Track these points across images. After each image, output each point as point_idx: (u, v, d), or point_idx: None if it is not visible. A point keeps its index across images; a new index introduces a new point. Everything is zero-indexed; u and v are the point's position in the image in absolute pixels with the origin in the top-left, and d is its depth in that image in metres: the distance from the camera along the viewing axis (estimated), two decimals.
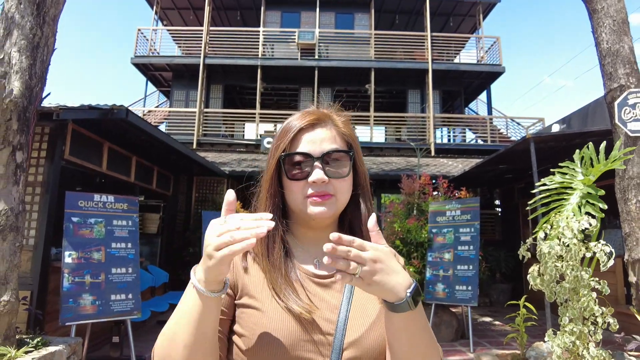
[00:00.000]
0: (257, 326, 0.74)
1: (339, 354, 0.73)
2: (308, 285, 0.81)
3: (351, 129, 0.89)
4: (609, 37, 3.34)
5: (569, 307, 2.25)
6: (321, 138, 0.82)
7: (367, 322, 0.78)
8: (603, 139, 3.14)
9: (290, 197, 0.82)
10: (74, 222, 4.11)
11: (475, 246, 5.57)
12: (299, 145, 0.81)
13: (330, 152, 0.80)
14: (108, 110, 4.31)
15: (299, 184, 0.80)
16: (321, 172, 0.78)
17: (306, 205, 0.80)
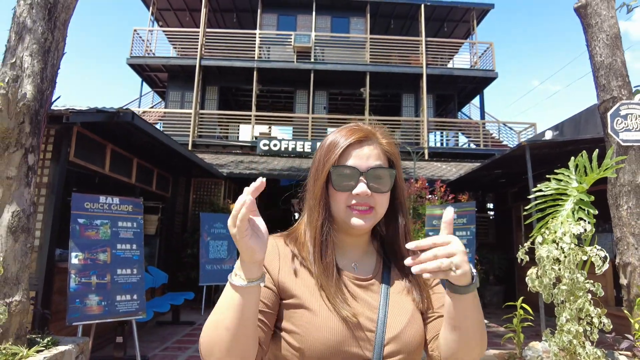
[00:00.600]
0: (310, 325, 0.81)
1: (381, 349, 0.82)
2: (350, 287, 0.88)
3: (394, 147, 0.95)
4: (602, 50, 3.50)
5: (565, 308, 2.39)
6: (367, 154, 0.89)
7: (405, 319, 0.86)
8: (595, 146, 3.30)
9: (334, 205, 0.89)
10: (80, 223, 4.17)
11: (471, 249, 5.72)
12: (347, 159, 0.88)
13: (374, 168, 0.88)
14: (114, 114, 4.38)
15: (343, 194, 0.87)
16: (365, 186, 0.86)
17: (348, 214, 0.87)
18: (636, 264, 3.32)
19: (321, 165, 0.91)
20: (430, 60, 14.40)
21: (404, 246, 0.93)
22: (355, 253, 0.96)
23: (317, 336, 0.79)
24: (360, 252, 0.96)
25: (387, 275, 0.94)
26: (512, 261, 8.90)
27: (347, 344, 0.80)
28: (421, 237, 6.13)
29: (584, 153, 2.94)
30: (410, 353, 0.85)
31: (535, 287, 2.41)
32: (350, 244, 0.95)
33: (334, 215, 0.90)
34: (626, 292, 3.38)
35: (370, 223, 0.88)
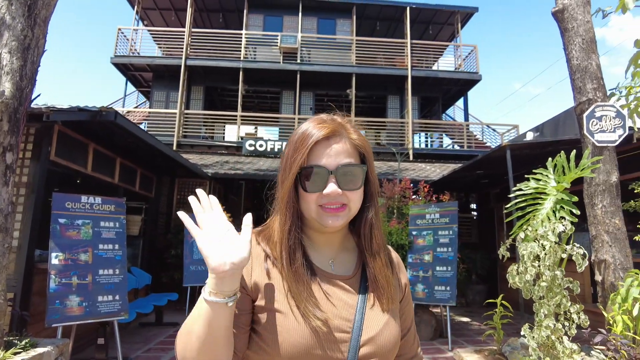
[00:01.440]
0: (280, 327, 0.78)
1: (356, 351, 0.79)
2: (325, 287, 0.85)
3: (364, 139, 0.91)
4: (578, 54, 3.60)
5: (544, 304, 2.45)
6: (336, 151, 0.85)
7: (382, 321, 0.85)
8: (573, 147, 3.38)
9: (304, 206, 0.86)
10: (61, 223, 4.11)
11: (453, 248, 5.81)
12: (315, 158, 0.84)
13: (344, 165, 0.84)
14: (97, 113, 4.33)
15: (313, 195, 0.84)
16: (334, 185, 0.82)
17: (320, 214, 0.84)
18: (610, 260, 3.42)
19: (288, 165, 0.87)
20: (416, 62, 14.54)
21: (375, 241, 0.92)
22: (331, 250, 0.93)
23: (288, 339, 0.77)
24: (336, 249, 0.93)
25: (365, 273, 0.90)
26: (495, 260, 9.04)
27: (320, 347, 0.78)
28: (404, 237, 6.22)
29: (562, 153, 3.02)
30: (385, 355, 0.83)
31: (516, 283, 2.46)
32: (325, 241, 0.92)
33: (306, 215, 0.87)
34: (601, 288, 3.48)
35: (343, 221, 0.85)
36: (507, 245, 2.61)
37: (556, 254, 2.31)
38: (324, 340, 0.78)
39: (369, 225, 0.92)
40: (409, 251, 6.22)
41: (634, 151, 5.35)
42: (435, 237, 6.02)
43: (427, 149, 14.66)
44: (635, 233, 4.35)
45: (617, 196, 3.53)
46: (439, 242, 5.97)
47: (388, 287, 0.89)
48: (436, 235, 6.02)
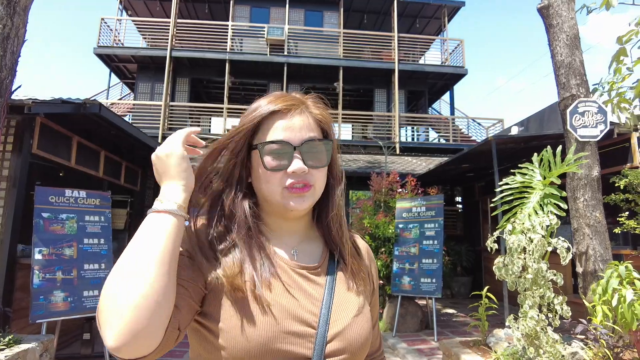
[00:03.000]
0: (235, 320, 0.69)
1: (323, 346, 0.72)
2: (288, 276, 0.77)
3: (327, 115, 0.84)
4: (562, 50, 3.66)
5: (527, 296, 2.51)
6: (299, 125, 0.78)
7: (350, 314, 0.78)
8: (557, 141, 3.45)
9: (265, 187, 0.77)
10: (45, 217, 4.04)
11: (439, 241, 5.89)
12: (275, 133, 0.77)
13: (310, 141, 0.77)
14: (80, 105, 4.25)
15: (277, 174, 0.76)
16: (300, 162, 0.75)
17: (285, 196, 0.76)
18: (590, 252, 3.51)
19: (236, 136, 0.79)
20: (402, 56, 14.57)
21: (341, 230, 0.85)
22: (293, 239, 0.84)
23: (245, 333, 0.68)
24: (299, 237, 0.85)
25: (332, 264, 0.83)
26: (479, 253, 9.19)
27: (282, 341, 0.69)
28: (391, 229, 6.28)
29: (549, 148, 3.08)
30: (355, 352, 0.76)
31: (502, 275, 2.51)
32: (288, 229, 0.84)
33: (267, 199, 0.79)
34: (582, 280, 3.57)
35: (309, 203, 0.78)
36: (494, 238, 2.65)
37: (543, 247, 2.37)
38: (287, 335, 0.70)
39: (336, 209, 0.84)
40: (396, 244, 6.28)
41: (614, 146, 5.48)
42: (421, 230, 6.09)
43: (413, 143, 14.75)
44: (614, 226, 4.47)
45: (598, 190, 3.62)
46: (425, 235, 6.04)
47: (357, 277, 0.84)
48: (422, 228, 6.09)
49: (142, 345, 0.58)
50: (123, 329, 0.56)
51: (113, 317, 0.57)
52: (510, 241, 2.54)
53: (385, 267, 6.30)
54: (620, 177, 4.15)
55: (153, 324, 0.58)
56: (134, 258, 0.62)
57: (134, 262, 0.61)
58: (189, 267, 0.71)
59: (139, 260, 0.61)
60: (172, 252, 0.64)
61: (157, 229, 0.65)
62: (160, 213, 0.67)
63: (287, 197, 0.76)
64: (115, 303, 0.58)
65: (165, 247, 0.63)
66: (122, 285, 0.59)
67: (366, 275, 0.88)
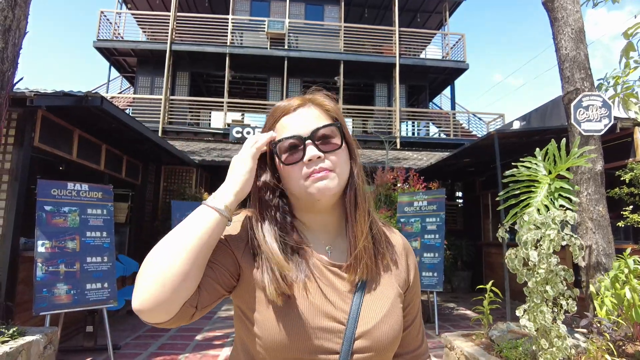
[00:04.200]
0: (269, 312, 0.75)
1: (350, 344, 0.75)
2: (321, 275, 0.80)
3: (334, 104, 0.86)
4: (567, 44, 3.64)
5: (537, 291, 2.51)
6: (306, 118, 0.81)
7: (380, 314, 0.79)
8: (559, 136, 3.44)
9: (290, 183, 0.81)
10: (47, 210, 4.04)
11: (440, 235, 5.89)
12: (285, 131, 0.81)
13: (318, 129, 0.79)
14: (82, 98, 4.23)
15: (295, 167, 0.79)
16: (314, 149, 0.78)
17: (308, 185, 0.78)
18: (594, 247, 3.52)
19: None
20: (403, 50, 14.52)
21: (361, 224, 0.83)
22: (327, 235, 0.86)
23: (278, 325, 0.74)
24: (333, 234, 0.86)
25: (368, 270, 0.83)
26: (480, 248, 9.21)
27: (313, 336, 0.74)
28: (393, 224, 6.28)
29: (553, 142, 3.07)
30: (382, 350, 0.78)
31: (515, 267, 2.51)
32: (321, 223, 0.86)
33: (295, 193, 0.81)
34: (584, 274, 3.58)
35: (335, 184, 0.78)
36: (506, 228, 2.65)
37: (558, 243, 2.37)
38: (317, 330, 0.74)
39: (353, 190, 0.84)
40: None
41: (617, 140, 5.48)
42: (422, 224, 6.10)
43: (414, 137, 14.74)
44: (616, 220, 4.47)
45: (602, 184, 3.61)
46: (426, 229, 6.05)
47: (387, 274, 0.85)
48: (424, 222, 6.09)
49: (159, 314, 0.67)
50: (147, 299, 0.66)
51: (143, 286, 0.66)
52: (524, 234, 2.54)
53: None
54: (626, 171, 4.14)
55: (172, 300, 0.66)
56: (173, 241, 0.70)
57: (171, 244, 0.69)
58: (225, 253, 0.78)
59: (175, 244, 0.69)
60: (207, 244, 0.71)
61: (200, 220, 0.72)
62: (209, 207, 0.73)
63: (310, 186, 0.78)
64: (148, 274, 0.67)
65: (200, 239, 0.70)
66: (156, 262, 0.68)
67: (401, 270, 0.88)
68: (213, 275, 0.74)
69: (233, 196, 0.76)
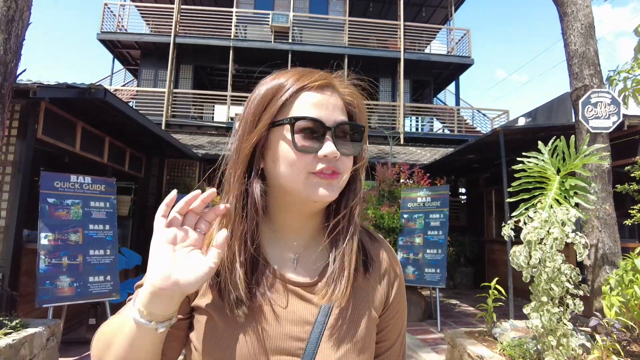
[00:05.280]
0: (213, 341, 0.64)
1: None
2: (277, 293, 0.67)
3: (360, 99, 0.73)
4: (576, 39, 3.58)
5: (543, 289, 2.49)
6: (332, 104, 0.66)
7: (345, 346, 0.65)
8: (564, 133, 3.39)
9: (288, 171, 0.65)
10: (50, 203, 4.03)
11: (444, 231, 5.87)
12: (306, 110, 0.65)
13: (344, 124, 0.66)
14: (86, 90, 4.21)
15: (305, 157, 0.64)
16: (333, 146, 0.64)
17: (311, 183, 0.64)
18: (599, 245, 3.49)
19: (256, 119, 0.66)
20: (408, 45, 14.41)
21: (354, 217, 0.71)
22: (298, 242, 0.72)
23: (221, 356, 0.62)
24: (305, 240, 0.73)
25: None
26: (483, 244, 9.18)
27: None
28: (396, 219, 6.26)
29: (563, 139, 3.03)
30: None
31: (520, 265, 2.49)
32: (295, 228, 0.72)
33: (285, 186, 0.66)
34: (590, 273, 3.55)
35: (336, 193, 0.66)
36: (511, 225, 2.62)
37: (562, 241, 2.34)
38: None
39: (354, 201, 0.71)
40: (400, 234, 6.27)
41: (624, 138, 5.42)
42: (426, 221, 6.07)
43: (417, 133, 14.66)
44: (624, 218, 4.43)
45: (609, 182, 3.57)
46: (429, 225, 6.03)
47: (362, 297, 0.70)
48: (427, 218, 6.07)
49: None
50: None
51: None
52: (528, 233, 2.51)
53: None
54: (637, 167, 4.10)
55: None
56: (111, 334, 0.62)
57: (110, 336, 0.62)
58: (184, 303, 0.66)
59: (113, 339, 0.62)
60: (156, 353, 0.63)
61: (126, 329, 0.60)
62: (130, 310, 0.60)
63: (314, 185, 0.64)
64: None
65: (132, 351, 0.60)
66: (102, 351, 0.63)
67: (380, 288, 0.73)
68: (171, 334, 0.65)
69: (147, 295, 0.57)
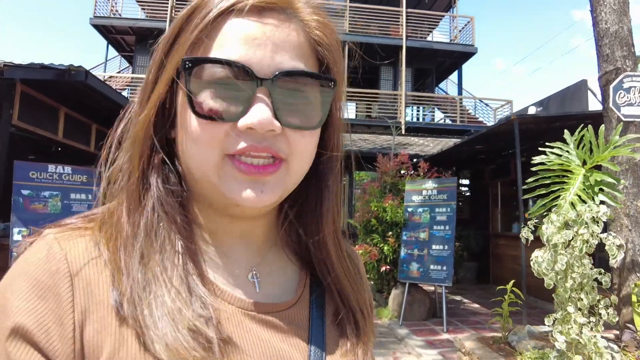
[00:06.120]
0: None
1: None
2: (240, 330, 0.43)
3: (333, 31, 0.48)
4: (608, 17, 3.22)
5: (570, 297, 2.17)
6: (276, 39, 0.41)
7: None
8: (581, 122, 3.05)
9: (193, 153, 0.42)
10: (25, 195, 3.68)
11: (451, 226, 5.54)
12: (227, 46, 0.40)
13: (292, 73, 0.41)
14: (64, 71, 3.84)
15: (216, 127, 0.40)
16: (267, 110, 0.40)
17: (225, 175, 0.41)
18: (629, 246, 3.17)
19: (160, 66, 0.44)
20: (410, 32, 13.99)
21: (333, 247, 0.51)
22: (249, 251, 0.49)
23: None
24: (259, 248, 0.50)
25: (319, 299, 0.51)
26: (488, 238, 8.89)
27: None
28: (400, 213, 5.93)
29: (590, 128, 2.70)
30: None
31: (541, 271, 2.17)
32: (237, 233, 0.48)
33: (196, 174, 0.43)
34: (617, 276, 3.24)
35: (274, 195, 0.43)
36: (531, 227, 2.30)
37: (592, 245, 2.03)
38: None
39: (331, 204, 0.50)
40: (404, 228, 5.95)
41: None
42: (432, 215, 5.74)
43: (419, 123, 14.32)
44: None
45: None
46: (435, 220, 5.70)
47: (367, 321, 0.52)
48: (433, 212, 5.74)
49: None
50: None
51: None
52: (553, 234, 2.18)
53: (393, 251, 5.99)
54: None
55: None
56: None
57: None
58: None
59: None
60: None
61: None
62: None
63: (232, 179, 0.41)
64: None
65: None
66: None
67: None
68: None
69: None
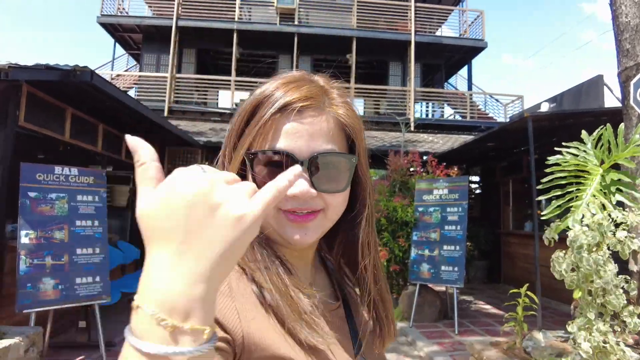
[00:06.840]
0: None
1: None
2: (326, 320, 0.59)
3: (356, 116, 0.62)
4: (629, 9, 3.08)
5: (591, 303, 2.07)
6: (312, 131, 0.57)
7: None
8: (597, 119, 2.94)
9: None
10: (32, 197, 3.66)
11: (462, 226, 5.44)
12: (276, 138, 0.56)
13: (324, 154, 0.57)
14: (70, 72, 3.80)
15: None
16: (305, 184, 0.55)
17: (281, 222, 0.57)
18: None
19: (231, 144, 0.60)
20: (419, 27, 13.79)
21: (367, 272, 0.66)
22: (307, 270, 0.66)
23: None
24: (311, 268, 0.67)
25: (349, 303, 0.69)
26: (498, 236, 8.76)
27: None
28: (410, 212, 5.83)
29: (609, 126, 2.58)
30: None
31: (561, 274, 2.07)
32: (299, 256, 0.64)
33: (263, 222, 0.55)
34: (637, 280, 3.12)
35: (316, 233, 0.59)
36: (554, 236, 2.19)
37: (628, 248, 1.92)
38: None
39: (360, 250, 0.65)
40: (414, 228, 5.85)
41: None
42: (443, 214, 5.64)
43: (429, 119, 14.13)
44: None
45: None
46: (447, 220, 5.60)
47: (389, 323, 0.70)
48: (444, 212, 5.63)
49: None
50: None
51: None
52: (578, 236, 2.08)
53: (403, 252, 5.90)
54: None
55: None
56: None
57: None
58: None
59: None
60: None
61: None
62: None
63: (285, 225, 0.57)
64: None
65: None
66: None
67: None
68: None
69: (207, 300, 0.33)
